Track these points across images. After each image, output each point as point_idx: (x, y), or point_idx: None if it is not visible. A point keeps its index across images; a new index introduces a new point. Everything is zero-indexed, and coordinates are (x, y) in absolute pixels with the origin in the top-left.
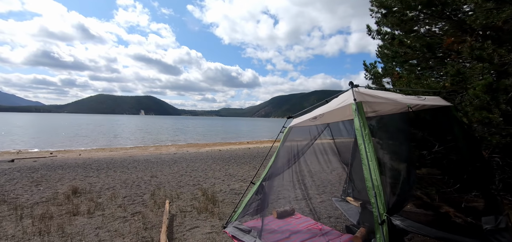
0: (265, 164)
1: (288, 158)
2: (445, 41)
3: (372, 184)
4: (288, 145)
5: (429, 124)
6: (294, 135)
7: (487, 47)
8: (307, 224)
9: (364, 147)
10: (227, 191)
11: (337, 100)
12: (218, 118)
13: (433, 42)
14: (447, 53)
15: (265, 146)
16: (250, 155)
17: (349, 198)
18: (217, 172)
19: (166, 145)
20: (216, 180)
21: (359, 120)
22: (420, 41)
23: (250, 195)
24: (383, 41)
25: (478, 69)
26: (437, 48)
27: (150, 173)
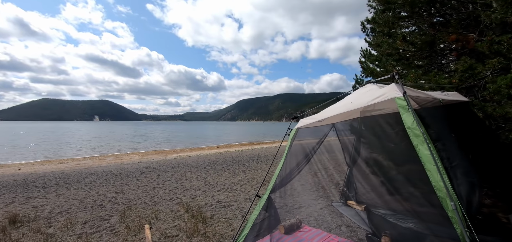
0: (248, 170)
1: (298, 161)
2: (447, 38)
3: (448, 193)
4: (297, 145)
5: (453, 119)
6: (302, 136)
7: (506, 41)
8: (320, 238)
9: (427, 148)
10: (213, 204)
11: (366, 95)
12: (182, 122)
13: (433, 39)
14: (447, 50)
15: (237, 150)
16: (225, 161)
17: (351, 202)
18: (195, 181)
19: (127, 153)
20: (196, 192)
21: (412, 117)
22: (422, 38)
23: (257, 211)
24: (377, 39)
25: (491, 64)
26: (438, 45)
27: (114, 188)
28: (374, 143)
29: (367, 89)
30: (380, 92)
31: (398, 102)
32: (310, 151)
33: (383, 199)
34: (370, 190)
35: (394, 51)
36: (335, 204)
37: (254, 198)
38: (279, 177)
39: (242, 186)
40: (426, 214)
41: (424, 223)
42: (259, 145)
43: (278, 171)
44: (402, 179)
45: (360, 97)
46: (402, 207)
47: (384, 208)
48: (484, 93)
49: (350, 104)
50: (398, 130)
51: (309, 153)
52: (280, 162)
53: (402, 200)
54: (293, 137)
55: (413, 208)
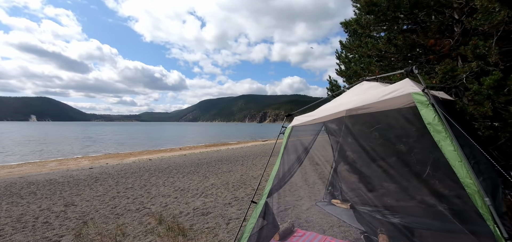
0: (220, 173)
1: (293, 161)
2: (427, 42)
3: (478, 189)
4: (292, 145)
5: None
6: (297, 134)
7: (489, 47)
8: (317, 241)
9: (451, 143)
10: (189, 212)
11: (371, 92)
12: (139, 123)
13: (414, 42)
14: (426, 52)
15: (202, 151)
16: (192, 163)
17: (335, 201)
18: (162, 187)
19: (74, 158)
20: (167, 199)
21: (433, 112)
22: (405, 41)
23: (254, 219)
24: (360, 41)
25: (469, 67)
26: (418, 48)
27: (62, 200)
28: (357, 141)
29: (367, 86)
30: (391, 87)
31: (415, 97)
32: (303, 150)
33: (368, 196)
34: (355, 188)
35: (377, 52)
36: (319, 203)
37: (249, 205)
38: (276, 178)
39: (218, 190)
40: (412, 208)
41: (411, 217)
42: (225, 146)
43: (275, 172)
44: (384, 175)
45: (362, 93)
46: (387, 203)
47: (369, 205)
48: (467, 93)
49: (353, 101)
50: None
51: (301, 153)
52: (276, 163)
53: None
54: (288, 136)
55: (398, 203)
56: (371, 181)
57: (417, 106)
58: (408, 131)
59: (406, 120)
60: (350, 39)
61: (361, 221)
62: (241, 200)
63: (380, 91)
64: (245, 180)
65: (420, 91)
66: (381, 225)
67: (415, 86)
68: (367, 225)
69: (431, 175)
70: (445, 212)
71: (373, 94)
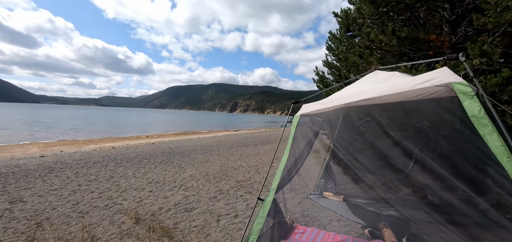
0: (196, 163)
1: (300, 152)
2: (427, 37)
3: None
4: (300, 135)
5: None
6: (305, 124)
7: (496, 45)
8: (321, 238)
9: (499, 138)
10: (171, 208)
11: (394, 81)
12: (99, 108)
13: (417, 36)
14: (428, 48)
15: (172, 140)
16: (163, 153)
17: (327, 194)
18: (133, 179)
19: (21, 144)
20: (140, 193)
21: (479, 105)
22: (409, 33)
23: (262, 219)
24: (359, 30)
25: (470, 65)
26: (419, 43)
27: (7, 196)
28: (385, 131)
29: (386, 75)
30: (427, 76)
31: (458, 87)
32: (309, 141)
33: (363, 188)
34: (350, 180)
35: (378, 43)
36: (311, 196)
37: (256, 203)
38: (285, 171)
39: (198, 182)
40: (407, 200)
41: (407, 209)
42: (196, 135)
43: (283, 165)
44: (416, 168)
45: (384, 81)
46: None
47: (363, 197)
48: None
49: (377, 89)
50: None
51: (309, 144)
52: (284, 155)
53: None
54: (296, 125)
55: (395, 195)
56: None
57: (459, 97)
58: (437, 124)
59: (441, 111)
60: (340, 31)
61: (358, 214)
62: (226, 193)
63: (411, 80)
64: (225, 171)
65: (462, 80)
66: (383, 218)
67: (455, 76)
68: (365, 218)
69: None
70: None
71: (403, 83)
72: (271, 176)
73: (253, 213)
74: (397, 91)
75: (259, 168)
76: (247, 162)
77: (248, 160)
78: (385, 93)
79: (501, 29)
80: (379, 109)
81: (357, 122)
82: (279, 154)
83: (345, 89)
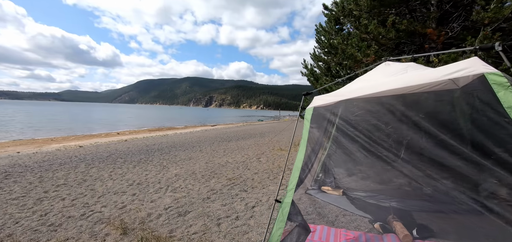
0: (179, 161)
1: (313, 147)
2: (424, 31)
3: None
4: (318, 125)
5: None
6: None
7: (497, 39)
8: (333, 236)
9: None
10: (162, 214)
11: (432, 72)
12: (60, 103)
13: (415, 29)
14: (423, 41)
15: (146, 136)
16: (139, 150)
17: (326, 188)
18: (110, 182)
19: None
20: (121, 197)
21: None
22: (408, 26)
23: (281, 223)
24: (357, 22)
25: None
26: (416, 37)
27: None
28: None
29: (402, 66)
30: (455, 66)
31: (492, 78)
32: (326, 133)
33: (365, 182)
34: (349, 174)
35: (376, 34)
36: (310, 192)
37: (273, 205)
38: (302, 170)
39: (186, 182)
40: (405, 192)
41: (409, 200)
42: (172, 131)
43: (301, 163)
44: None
45: (402, 73)
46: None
47: (362, 190)
48: None
49: (399, 80)
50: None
51: (322, 137)
52: (300, 151)
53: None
54: (311, 119)
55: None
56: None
57: (493, 88)
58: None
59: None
60: (330, 24)
61: (360, 208)
62: (220, 193)
63: (439, 70)
64: (213, 169)
65: (497, 71)
66: (388, 211)
67: (488, 66)
68: (370, 212)
69: None
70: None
71: (430, 73)
72: (272, 174)
73: (270, 219)
74: (425, 81)
75: (248, 163)
76: (233, 158)
77: (234, 155)
78: (413, 83)
79: (495, 25)
80: (403, 99)
81: (377, 114)
82: (267, 147)
83: (358, 80)
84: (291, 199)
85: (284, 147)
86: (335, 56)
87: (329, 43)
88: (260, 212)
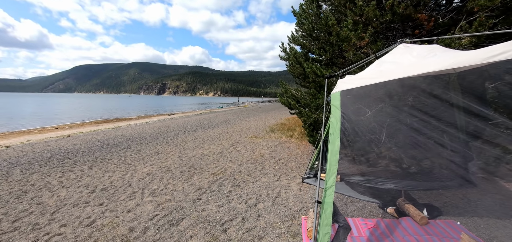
0: (146, 157)
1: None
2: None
3: None
4: (351, 109)
5: None
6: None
7: (490, 26)
8: (356, 228)
9: None
10: (148, 226)
11: (474, 54)
12: None
13: (410, 14)
14: (412, 26)
15: (94, 130)
16: (90, 147)
17: (323, 175)
18: (62, 190)
19: None
20: (84, 210)
21: None
22: (405, 10)
23: (328, 228)
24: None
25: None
26: (410, 21)
27: None
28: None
29: (429, 48)
30: (500, 48)
31: None
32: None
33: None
34: (349, 160)
35: (372, 18)
36: (308, 180)
37: (315, 206)
38: (339, 164)
39: (164, 182)
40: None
41: (408, 180)
42: (124, 122)
43: (337, 155)
44: None
45: (430, 56)
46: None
47: (359, 175)
48: None
49: (437, 63)
50: None
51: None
52: (334, 141)
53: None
54: (340, 105)
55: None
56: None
57: None
58: None
59: None
60: (312, 6)
61: (366, 194)
62: (210, 191)
63: (482, 52)
64: (190, 163)
65: None
66: (393, 194)
67: None
68: (375, 196)
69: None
70: None
71: (473, 55)
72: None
73: (316, 219)
74: (468, 63)
75: (227, 154)
76: (208, 149)
77: (207, 146)
78: (453, 66)
79: (484, 11)
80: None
81: (414, 97)
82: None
83: (381, 63)
84: (332, 198)
85: (257, 134)
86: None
87: (312, 25)
88: (266, 209)
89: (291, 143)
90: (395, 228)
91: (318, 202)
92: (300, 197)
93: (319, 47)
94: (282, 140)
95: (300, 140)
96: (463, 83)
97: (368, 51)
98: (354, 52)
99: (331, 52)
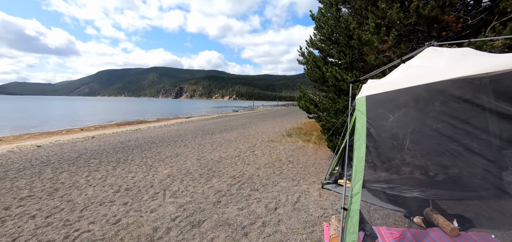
0: (166, 159)
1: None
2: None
3: None
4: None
5: None
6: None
7: None
8: (380, 236)
9: None
10: (171, 227)
11: (491, 58)
12: (5, 97)
13: (437, 16)
14: (438, 29)
15: (116, 132)
16: (113, 148)
17: (342, 181)
18: (89, 189)
19: None
20: (110, 208)
21: None
22: (431, 11)
23: (354, 236)
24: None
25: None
26: (435, 23)
27: None
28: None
29: (461, 52)
30: None
31: None
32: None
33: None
34: (372, 166)
35: (395, 20)
36: (328, 186)
37: (342, 213)
38: (366, 168)
39: (184, 183)
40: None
41: (434, 190)
42: (144, 125)
43: (363, 162)
44: None
45: (464, 59)
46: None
47: (380, 182)
48: None
49: (474, 67)
50: None
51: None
52: (359, 148)
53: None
54: (366, 111)
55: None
56: None
57: None
58: None
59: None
60: (331, 9)
61: (390, 202)
62: (229, 194)
63: (510, 56)
64: (208, 166)
65: None
66: (420, 203)
67: None
68: (400, 205)
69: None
70: None
71: (493, 60)
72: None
73: (343, 229)
74: (506, 68)
75: (244, 158)
76: (225, 152)
77: (224, 149)
78: (489, 70)
79: None
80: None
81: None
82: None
83: (407, 67)
84: (358, 206)
85: (274, 138)
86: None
87: (331, 29)
88: (286, 214)
89: (308, 147)
90: (423, 239)
91: (344, 208)
92: (321, 203)
93: (338, 51)
94: (299, 145)
95: (317, 144)
96: (497, 87)
97: (390, 54)
98: (375, 55)
99: (351, 55)
